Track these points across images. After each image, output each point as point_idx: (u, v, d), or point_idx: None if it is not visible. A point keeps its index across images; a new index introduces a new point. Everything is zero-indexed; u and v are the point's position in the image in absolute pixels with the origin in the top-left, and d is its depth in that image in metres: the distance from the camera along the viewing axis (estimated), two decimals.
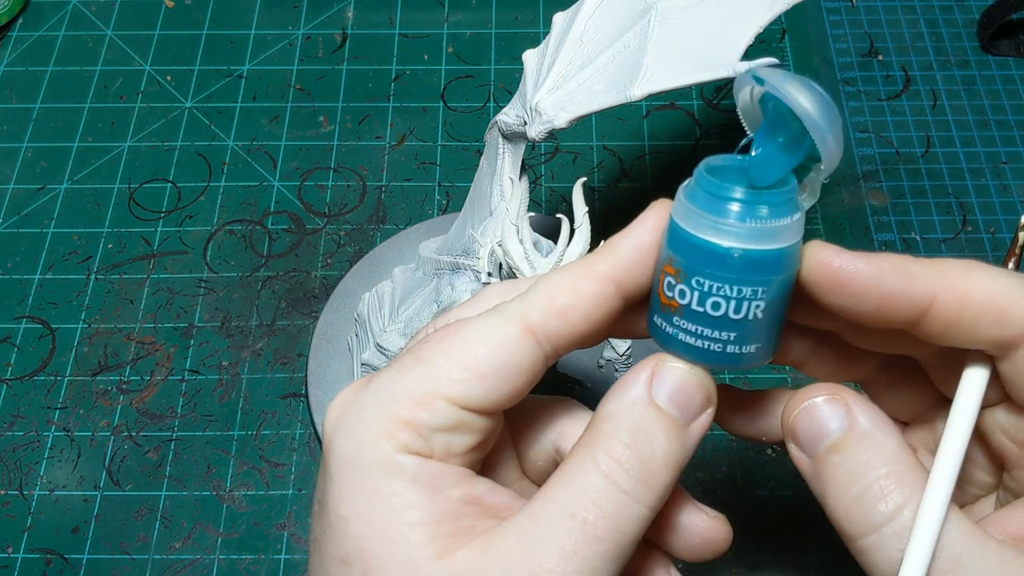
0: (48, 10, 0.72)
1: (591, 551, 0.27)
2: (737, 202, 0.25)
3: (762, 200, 0.24)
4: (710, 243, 0.24)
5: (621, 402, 0.29)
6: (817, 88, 0.24)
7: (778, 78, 0.25)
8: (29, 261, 0.60)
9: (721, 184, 0.25)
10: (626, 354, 0.42)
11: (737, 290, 0.24)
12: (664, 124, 0.65)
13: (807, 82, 0.24)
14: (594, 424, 0.29)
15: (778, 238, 0.24)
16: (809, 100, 0.24)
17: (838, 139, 0.24)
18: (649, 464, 0.28)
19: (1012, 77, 0.67)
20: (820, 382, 0.28)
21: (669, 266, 0.26)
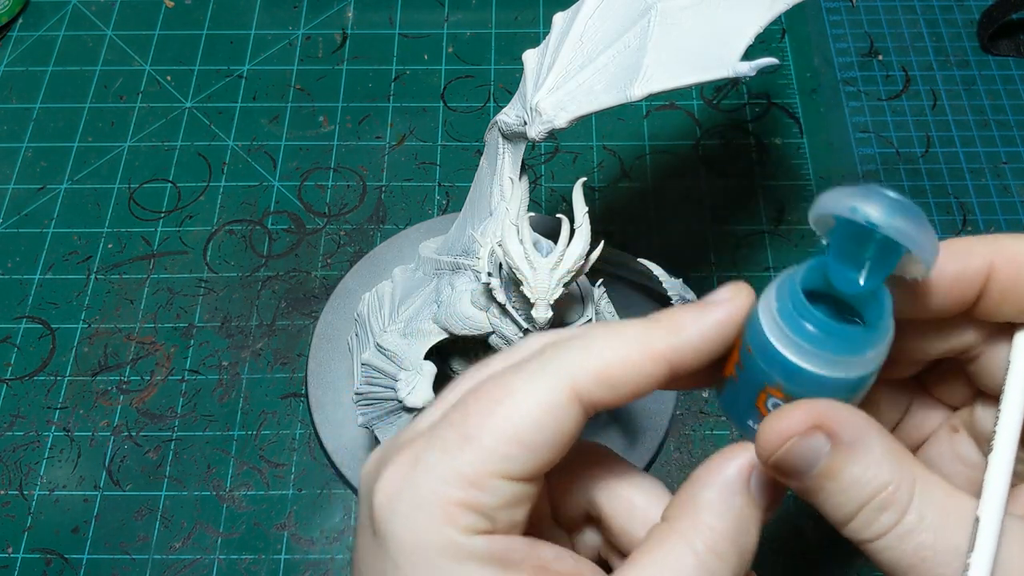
0: (48, 10, 0.72)
1: None
2: (848, 340, 0.26)
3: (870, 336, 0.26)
4: (825, 377, 0.26)
5: (722, 492, 0.28)
6: (905, 203, 0.24)
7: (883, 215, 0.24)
8: (29, 261, 0.60)
9: (829, 322, 0.26)
10: None
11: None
12: (664, 124, 0.65)
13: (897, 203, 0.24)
14: (692, 510, 0.28)
15: (879, 358, 0.26)
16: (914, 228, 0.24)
17: (932, 246, 0.25)
18: (745, 556, 0.27)
19: (1012, 77, 0.67)
20: (787, 403, 0.26)
21: (776, 390, 0.27)
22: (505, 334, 0.38)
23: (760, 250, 0.60)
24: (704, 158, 0.64)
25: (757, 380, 0.27)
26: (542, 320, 0.34)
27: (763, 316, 0.28)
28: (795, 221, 0.61)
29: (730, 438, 0.52)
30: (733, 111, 0.66)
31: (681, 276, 0.59)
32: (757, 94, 0.67)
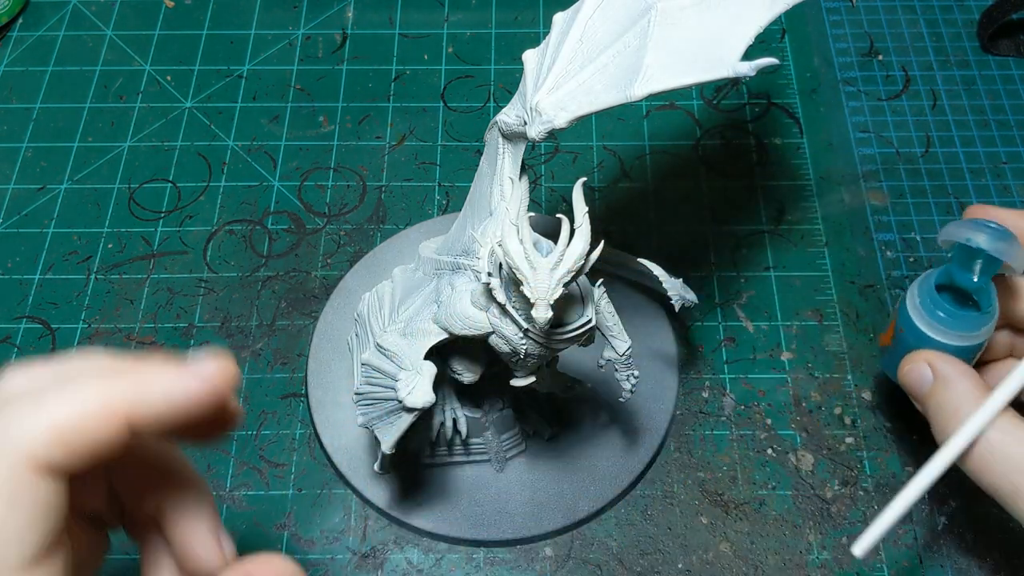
0: (48, 10, 0.72)
1: None
2: (968, 321, 0.43)
3: (982, 318, 0.43)
4: (952, 345, 0.43)
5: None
6: (996, 228, 0.41)
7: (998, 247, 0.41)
8: (29, 261, 0.60)
9: (954, 310, 0.43)
10: (626, 354, 0.42)
11: None
12: (664, 124, 0.65)
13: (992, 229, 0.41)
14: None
15: (988, 333, 0.43)
16: (1006, 247, 0.41)
17: (1021, 254, 0.41)
18: None
19: (1012, 77, 0.67)
20: (915, 351, 0.42)
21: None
22: (505, 334, 0.38)
23: (760, 250, 0.60)
24: (704, 158, 0.64)
25: (907, 349, 0.44)
26: (542, 320, 0.34)
27: (909, 306, 0.44)
28: (795, 221, 0.61)
29: (730, 438, 0.52)
30: (733, 111, 0.66)
31: (681, 276, 0.59)
32: (757, 94, 0.67)
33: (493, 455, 0.50)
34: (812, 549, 0.49)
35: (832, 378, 0.55)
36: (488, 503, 0.49)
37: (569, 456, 0.50)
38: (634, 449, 0.50)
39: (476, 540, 0.48)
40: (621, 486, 0.49)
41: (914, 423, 0.53)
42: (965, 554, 0.49)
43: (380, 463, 0.44)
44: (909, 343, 0.44)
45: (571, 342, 0.38)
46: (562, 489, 0.49)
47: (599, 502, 0.49)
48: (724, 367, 0.55)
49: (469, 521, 0.48)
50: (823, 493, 0.51)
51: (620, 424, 0.51)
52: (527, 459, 0.50)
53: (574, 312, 0.38)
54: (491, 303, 0.38)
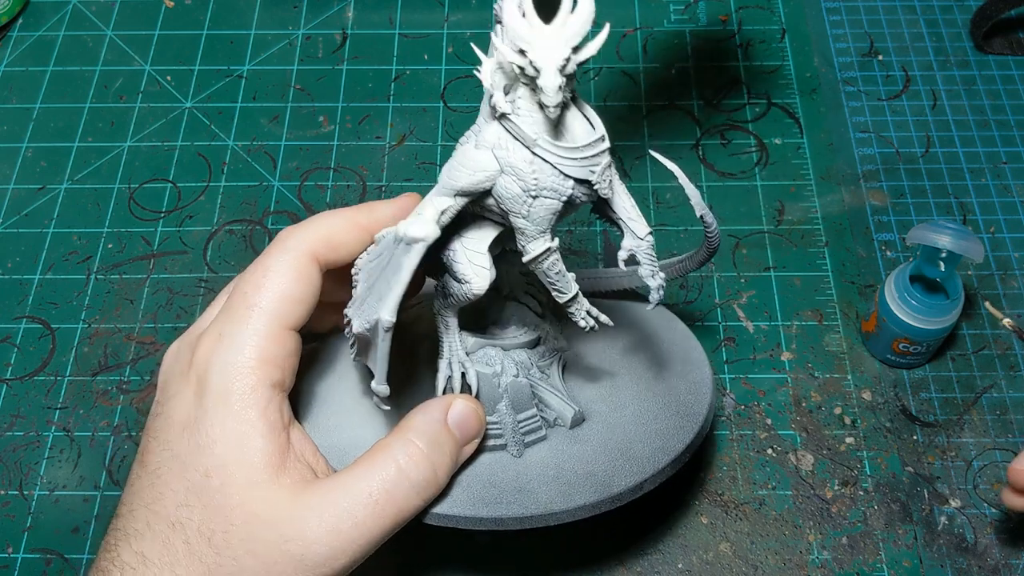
0: (48, 10, 0.72)
1: (375, 524, 0.37)
2: (938, 308, 0.50)
3: (951, 304, 0.51)
4: (928, 329, 0.51)
5: (425, 420, 0.40)
6: (954, 227, 0.48)
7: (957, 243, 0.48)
8: (29, 261, 0.60)
9: (925, 299, 0.51)
10: (647, 239, 0.40)
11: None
12: (664, 124, 0.65)
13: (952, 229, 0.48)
14: (401, 430, 0.40)
15: (957, 315, 0.51)
16: (965, 244, 0.48)
17: (979, 249, 0.48)
18: (436, 470, 0.40)
19: (1012, 77, 0.67)
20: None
21: (902, 339, 0.52)
22: (513, 164, 0.36)
23: (760, 250, 0.60)
24: (704, 158, 0.64)
25: (890, 335, 0.52)
26: (551, 89, 0.32)
27: (888, 297, 0.51)
28: (795, 221, 0.61)
29: (730, 438, 0.52)
30: (733, 111, 0.66)
31: (681, 277, 0.59)
32: (757, 94, 0.67)
33: (509, 437, 0.45)
34: (812, 549, 0.49)
35: (832, 378, 0.55)
36: (506, 484, 0.44)
37: (598, 441, 0.45)
38: (673, 432, 0.45)
39: (495, 519, 0.43)
40: (659, 465, 0.44)
41: (914, 423, 0.53)
42: (965, 554, 0.49)
43: (378, 378, 0.41)
44: (890, 331, 0.52)
45: (586, 167, 0.36)
46: (592, 468, 0.44)
47: (637, 477, 0.43)
48: (724, 367, 0.55)
49: (483, 501, 0.43)
50: (823, 493, 0.51)
51: (652, 410, 0.47)
52: (549, 446, 0.46)
53: (582, 129, 0.36)
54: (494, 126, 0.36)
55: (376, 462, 0.38)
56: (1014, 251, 0.59)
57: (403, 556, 0.49)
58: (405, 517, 0.39)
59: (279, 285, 0.39)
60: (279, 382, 0.39)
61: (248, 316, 0.39)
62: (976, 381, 0.54)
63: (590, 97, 0.67)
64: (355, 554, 0.37)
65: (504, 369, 0.45)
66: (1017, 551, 0.49)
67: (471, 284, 0.40)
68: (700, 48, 0.69)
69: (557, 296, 0.40)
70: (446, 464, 0.40)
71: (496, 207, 0.38)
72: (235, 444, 0.37)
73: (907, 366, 0.54)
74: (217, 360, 0.38)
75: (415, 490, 0.39)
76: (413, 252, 0.37)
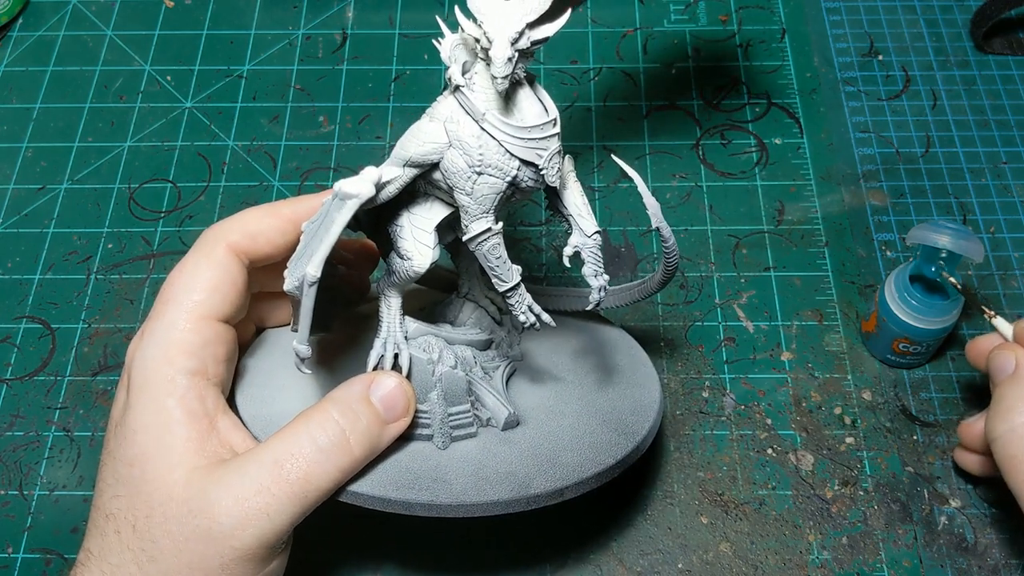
0: (48, 10, 0.72)
1: (280, 489, 0.37)
2: (938, 308, 0.50)
3: (951, 304, 0.50)
4: (928, 329, 0.51)
5: (344, 391, 0.40)
6: (954, 227, 0.48)
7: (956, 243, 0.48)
8: (29, 261, 0.60)
9: (925, 299, 0.50)
10: (594, 237, 0.40)
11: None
12: (664, 124, 0.65)
13: (952, 229, 0.48)
14: (320, 402, 0.40)
15: (956, 316, 0.51)
16: (965, 244, 0.48)
17: (978, 249, 0.48)
18: (349, 438, 0.39)
19: (1012, 77, 0.67)
20: (1009, 343, 0.47)
21: (902, 339, 0.52)
22: (462, 138, 0.37)
23: (760, 250, 0.60)
24: (704, 158, 0.64)
25: (890, 335, 0.52)
26: (500, 59, 0.33)
27: (888, 297, 0.51)
28: (795, 221, 0.61)
29: (730, 438, 0.52)
30: (733, 111, 0.66)
31: (681, 276, 0.59)
32: (757, 94, 0.67)
33: (437, 428, 0.43)
34: (812, 549, 0.49)
35: (832, 378, 0.55)
36: (424, 472, 0.42)
37: (527, 445, 0.44)
38: (606, 447, 0.44)
39: (404, 502, 0.41)
40: (583, 475, 0.42)
41: (915, 423, 0.53)
42: (965, 554, 0.49)
43: (300, 335, 0.39)
44: (890, 331, 0.52)
45: (533, 149, 0.37)
46: (514, 469, 0.42)
47: (559, 483, 0.42)
48: (724, 367, 0.55)
49: (395, 484, 0.41)
50: (823, 493, 0.51)
51: (591, 425, 0.45)
52: (476, 443, 0.44)
53: (534, 112, 0.37)
54: (449, 101, 0.37)
55: (287, 431, 0.39)
56: (1014, 251, 0.59)
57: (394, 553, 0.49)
58: (317, 485, 0.38)
59: (193, 278, 0.41)
60: (198, 370, 0.40)
61: (164, 310, 0.40)
62: (976, 381, 0.54)
63: (590, 97, 0.67)
64: (263, 525, 0.37)
65: (441, 358, 0.44)
66: (1017, 551, 0.49)
67: (412, 261, 0.40)
68: (700, 48, 0.69)
69: (497, 284, 0.40)
70: (362, 435, 0.39)
71: (443, 182, 0.38)
72: (154, 432, 0.38)
73: (907, 366, 0.54)
74: (138, 355, 0.40)
75: (323, 455, 0.38)
76: (345, 208, 0.37)
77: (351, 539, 0.50)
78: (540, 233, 0.61)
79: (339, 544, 0.50)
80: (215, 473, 0.38)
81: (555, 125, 0.37)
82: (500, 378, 0.46)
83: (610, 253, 0.60)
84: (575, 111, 0.66)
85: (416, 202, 0.41)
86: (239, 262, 0.42)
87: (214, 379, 0.41)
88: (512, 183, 0.38)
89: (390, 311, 0.43)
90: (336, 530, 0.50)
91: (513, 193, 0.38)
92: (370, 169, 0.37)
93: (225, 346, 0.42)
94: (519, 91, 0.37)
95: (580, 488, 0.42)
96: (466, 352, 0.45)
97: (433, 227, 0.41)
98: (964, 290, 0.49)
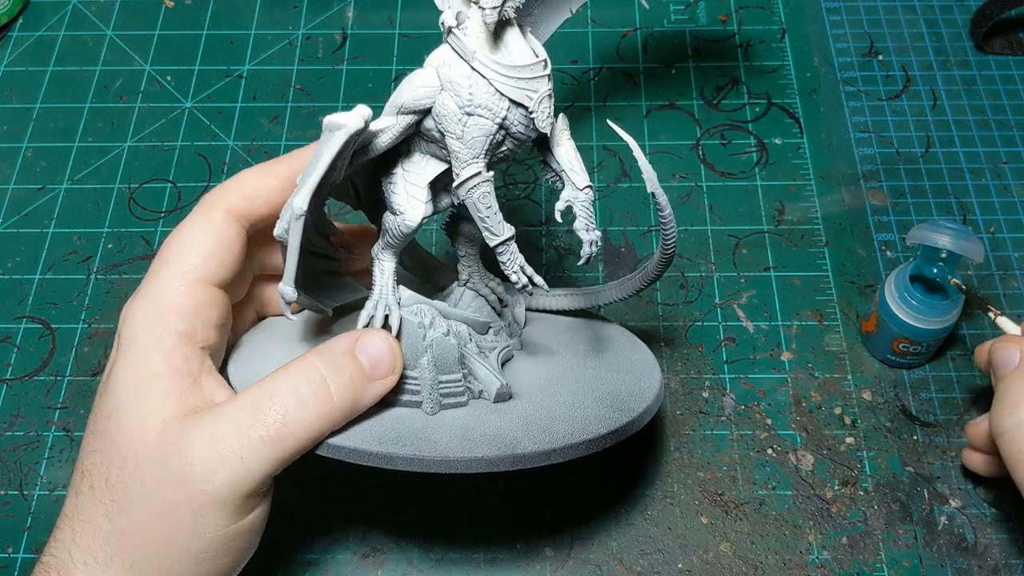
0: (48, 10, 0.72)
1: (256, 433, 0.36)
2: (938, 308, 0.50)
3: (951, 304, 0.50)
4: (928, 329, 0.51)
5: (330, 345, 0.39)
6: (953, 227, 0.49)
7: (958, 244, 0.48)
8: (29, 261, 0.60)
9: (925, 299, 0.50)
10: (586, 191, 0.41)
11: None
12: (664, 124, 0.65)
13: (952, 229, 0.49)
14: (304, 354, 0.39)
15: (956, 316, 0.51)
16: (965, 244, 0.48)
17: (978, 249, 0.48)
18: (330, 387, 0.38)
19: (1012, 77, 0.67)
20: (1013, 336, 0.46)
21: (902, 339, 0.52)
22: (453, 79, 0.37)
23: (760, 250, 0.60)
24: (704, 158, 0.64)
25: (890, 335, 0.52)
26: None
27: (888, 297, 0.51)
28: (795, 221, 0.61)
29: (730, 438, 0.52)
30: (733, 111, 0.66)
31: (681, 277, 0.59)
32: (757, 94, 0.67)
33: (426, 393, 0.42)
34: (812, 549, 0.49)
35: (832, 378, 0.55)
36: (409, 431, 0.41)
37: (518, 415, 0.42)
38: (600, 420, 0.42)
39: (386, 455, 0.40)
40: (572, 440, 0.41)
41: (915, 423, 0.53)
42: (965, 554, 0.49)
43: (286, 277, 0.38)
44: (890, 331, 0.52)
45: (523, 89, 0.37)
46: (502, 432, 0.41)
47: (546, 445, 0.40)
48: (724, 367, 0.55)
49: (378, 439, 0.40)
50: (823, 493, 0.51)
51: (586, 403, 0.43)
52: (466, 411, 0.43)
53: (525, 54, 0.37)
54: (443, 48, 0.38)
55: (268, 378, 0.38)
56: (1014, 251, 0.59)
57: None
58: (293, 431, 0.37)
59: (188, 241, 0.40)
60: (187, 332, 0.39)
61: (158, 272, 0.40)
62: (976, 381, 0.54)
63: (590, 97, 0.67)
64: (236, 468, 0.36)
65: (434, 324, 0.43)
66: (1017, 551, 0.49)
67: (404, 215, 0.41)
68: (700, 48, 0.69)
69: (488, 238, 0.40)
70: (343, 386, 0.39)
71: (435, 130, 0.39)
72: (134, 386, 0.38)
73: (907, 366, 0.54)
74: (128, 314, 0.40)
75: (302, 400, 0.37)
76: (334, 139, 0.36)
77: (351, 537, 0.50)
78: (540, 233, 0.61)
79: (337, 540, 0.50)
80: (191, 420, 0.37)
81: (545, 67, 0.38)
82: (495, 357, 0.45)
83: (610, 253, 0.60)
84: (575, 111, 0.66)
85: (411, 159, 0.41)
86: (237, 225, 0.41)
87: (203, 343, 0.40)
88: (502, 125, 0.38)
89: (383, 275, 0.43)
90: (335, 529, 0.50)
91: (504, 139, 0.38)
92: (362, 106, 0.37)
93: (217, 311, 0.41)
94: (510, 33, 0.38)
95: (569, 452, 0.41)
96: (461, 327, 0.44)
97: (426, 183, 0.41)
98: (967, 291, 0.49)
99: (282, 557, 0.49)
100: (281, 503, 0.41)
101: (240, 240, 0.41)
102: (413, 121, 0.39)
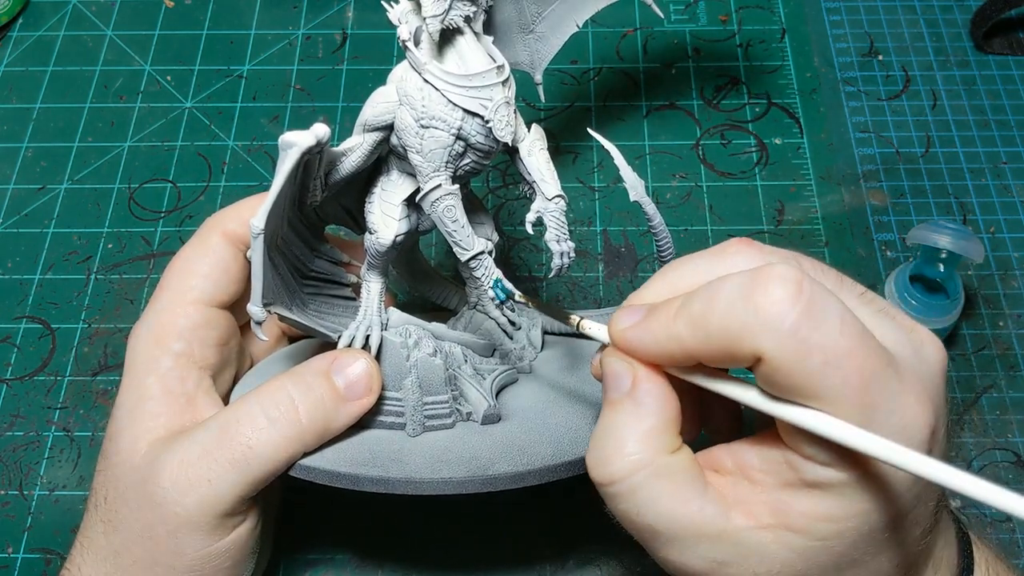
0: (48, 10, 0.72)
1: (222, 454, 0.37)
2: (938, 307, 0.51)
3: (951, 304, 0.51)
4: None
5: (304, 366, 0.39)
6: (953, 228, 0.49)
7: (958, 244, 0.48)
8: (29, 261, 0.60)
9: (925, 299, 0.51)
10: (556, 200, 0.40)
11: None
12: (664, 124, 0.65)
13: (951, 229, 0.49)
14: (278, 375, 0.39)
15: (956, 316, 0.52)
16: (964, 244, 0.48)
17: (978, 249, 0.48)
18: (298, 408, 0.38)
19: (1012, 77, 0.67)
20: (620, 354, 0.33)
21: None
22: (408, 91, 0.37)
23: None
24: (704, 158, 0.64)
25: None
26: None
27: (888, 298, 0.50)
28: (795, 221, 0.61)
29: None
30: (733, 111, 0.66)
31: None
32: (757, 94, 0.67)
33: (409, 414, 0.41)
34: None
35: None
36: (384, 453, 0.40)
37: (502, 436, 0.41)
38: (585, 442, 0.38)
39: (351, 476, 0.39)
40: (552, 461, 0.39)
41: None
42: None
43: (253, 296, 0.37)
44: None
45: (476, 98, 0.37)
46: (478, 453, 0.40)
47: (519, 466, 0.39)
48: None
49: (349, 460, 0.39)
50: None
51: (578, 428, 0.42)
52: (450, 433, 0.41)
53: (481, 62, 0.37)
54: (402, 64, 0.38)
55: (240, 400, 0.39)
56: (1014, 251, 0.59)
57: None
58: (259, 452, 0.37)
59: (185, 265, 0.42)
60: (184, 352, 0.40)
61: (159, 298, 0.42)
62: (976, 381, 0.54)
63: (590, 97, 0.67)
64: (203, 490, 0.36)
65: (419, 345, 0.42)
66: (1017, 551, 0.49)
67: (378, 234, 0.41)
68: (700, 48, 0.69)
69: (459, 253, 0.39)
70: (312, 407, 0.38)
71: (399, 146, 0.39)
72: (130, 407, 0.39)
73: None
74: (132, 339, 0.41)
75: (268, 422, 0.37)
76: (288, 158, 0.36)
77: (351, 537, 0.50)
78: (540, 233, 0.61)
79: (338, 541, 0.50)
80: (171, 441, 0.38)
81: (499, 73, 0.37)
82: (492, 380, 0.44)
83: (610, 253, 0.60)
84: (575, 111, 0.66)
85: (390, 178, 0.42)
86: (234, 249, 0.42)
87: (201, 362, 0.41)
88: (459, 136, 0.37)
89: (369, 295, 0.43)
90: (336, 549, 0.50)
91: (465, 151, 0.38)
92: (319, 124, 0.37)
93: (217, 331, 0.42)
94: (463, 42, 0.37)
95: (545, 475, 0.39)
96: (455, 349, 0.44)
97: (400, 200, 0.41)
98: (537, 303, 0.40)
99: (282, 557, 0.49)
100: (281, 503, 0.41)
101: (237, 262, 0.42)
102: (380, 139, 0.39)
